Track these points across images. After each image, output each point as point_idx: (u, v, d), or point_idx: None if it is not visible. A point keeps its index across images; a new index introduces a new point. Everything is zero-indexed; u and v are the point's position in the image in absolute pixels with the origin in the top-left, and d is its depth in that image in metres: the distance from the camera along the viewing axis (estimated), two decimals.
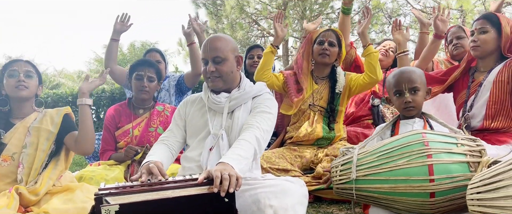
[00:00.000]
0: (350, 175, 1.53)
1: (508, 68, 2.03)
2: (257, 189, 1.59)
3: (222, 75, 1.76)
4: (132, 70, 2.58)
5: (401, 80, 1.73)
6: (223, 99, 1.80)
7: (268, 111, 1.77)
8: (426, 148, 1.41)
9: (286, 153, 2.38)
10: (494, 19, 2.11)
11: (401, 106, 1.73)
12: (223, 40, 1.78)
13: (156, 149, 1.81)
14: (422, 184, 1.39)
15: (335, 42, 2.49)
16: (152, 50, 3.50)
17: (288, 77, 2.54)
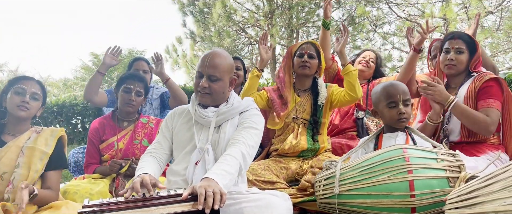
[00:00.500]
0: (333, 189, 1.55)
1: (477, 82, 2.11)
2: (241, 204, 1.61)
3: (212, 93, 1.77)
4: (121, 82, 2.58)
5: (396, 92, 1.76)
6: (210, 113, 1.81)
7: (255, 126, 1.79)
8: (407, 164, 1.44)
9: (271, 164, 2.40)
10: (470, 41, 2.21)
11: (395, 117, 1.76)
12: (223, 59, 1.79)
13: (145, 161, 1.81)
14: (403, 200, 1.42)
15: (315, 54, 2.54)
16: (140, 59, 3.50)
17: (272, 93, 2.57)
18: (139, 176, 1.62)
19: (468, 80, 2.19)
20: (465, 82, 2.20)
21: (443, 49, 2.26)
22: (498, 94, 2.08)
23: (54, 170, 1.98)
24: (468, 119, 2.03)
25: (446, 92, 2.04)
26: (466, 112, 2.02)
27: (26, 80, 1.99)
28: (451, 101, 2.00)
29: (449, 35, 2.30)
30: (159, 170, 1.83)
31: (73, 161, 3.21)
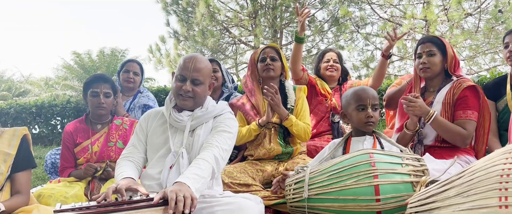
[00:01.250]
0: (302, 193, 1.59)
1: (455, 90, 2.16)
2: (214, 207, 1.64)
3: (195, 97, 1.80)
4: (87, 87, 2.56)
5: (366, 96, 1.81)
6: (185, 117, 1.82)
7: (229, 130, 1.82)
8: (373, 169, 1.49)
9: (248, 167, 2.42)
10: (438, 42, 2.27)
11: (363, 121, 1.80)
12: (205, 64, 1.83)
13: (122, 166, 1.81)
14: (369, 204, 1.46)
15: (276, 56, 2.58)
16: (132, 61, 3.52)
17: (243, 107, 2.60)
18: (116, 183, 1.63)
19: (447, 85, 2.24)
20: (444, 87, 2.24)
21: (416, 55, 2.32)
22: (475, 105, 2.14)
23: (22, 171, 1.91)
24: (446, 132, 2.10)
25: (425, 106, 2.09)
26: (445, 126, 2.09)
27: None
28: (431, 116, 2.06)
29: (420, 40, 2.37)
30: (137, 173, 1.83)
31: (50, 162, 3.20)
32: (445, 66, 2.25)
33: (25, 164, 1.94)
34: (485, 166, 1.05)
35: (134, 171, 1.80)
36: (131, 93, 3.46)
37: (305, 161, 2.39)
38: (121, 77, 3.44)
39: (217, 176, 1.82)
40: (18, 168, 1.90)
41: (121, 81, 3.45)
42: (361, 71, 15.21)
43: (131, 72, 3.42)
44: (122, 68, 3.48)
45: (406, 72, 15.17)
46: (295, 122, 2.39)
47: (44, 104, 6.61)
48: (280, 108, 2.38)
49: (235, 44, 15.59)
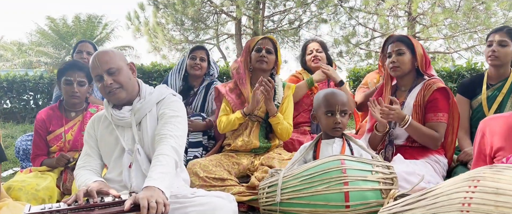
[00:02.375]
0: (275, 197, 1.61)
1: (425, 91, 2.19)
2: (187, 208, 1.64)
3: (122, 85, 1.73)
4: (60, 74, 2.48)
5: (335, 102, 1.81)
6: (127, 113, 1.77)
7: (176, 114, 1.77)
8: (343, 176, 1.51)
9: (223, 160, 2.43)
10: (407, 41, 2.28)
11: (330, 126, 1.82)
12: (110, 53, 1.76)
13: (84, 174, 1.76)
14: (339, 209, 1.50)
15: (272, 49, 2.55)
16: (85, 41, 3.48)
17: (228, 95, 2.56)
18: (86, 185, 1.60)
19: (418, 86, 2.27)
20: (415, 87, 2.28)
21: (387, 54, 2.33)
22: (445, 107, 2.19)
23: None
24: (419, 135, 2.15)
25: (402, 112, 2.11)
26: (419, 130, 2.13)
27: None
28: (406, 121, 2.09)
29: (388, 40, 2.37)
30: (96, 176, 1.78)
31: (22, 149, 3.12)
32: (416, 65, 2.27)
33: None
34: (449, 191, 1.08)
35: (97, 177, 1.76)
36: None
37: (281, 155, 2.41)
38: (75, 58, 3.35)
39: (180, 164, 1.79)
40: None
41: None
42: (342, 47, 15.26)
43: (84, 52, 3.34)
44: (75, 49, 3.43)
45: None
46: (281, 121, 2.40)
47: (16, 79, 6.37)
48: (271, 104, 2.38)
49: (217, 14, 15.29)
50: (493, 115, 1.55)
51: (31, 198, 2.13)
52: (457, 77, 6.32)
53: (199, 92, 3.15)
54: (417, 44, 2.30)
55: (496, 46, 2.36)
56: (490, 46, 2.42)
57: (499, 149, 1.40)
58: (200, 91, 3.15)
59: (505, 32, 2.36)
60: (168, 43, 16.50)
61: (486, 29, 12.81)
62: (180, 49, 16.72)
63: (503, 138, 1.40)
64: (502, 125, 1.42)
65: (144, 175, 1.66)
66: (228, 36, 16.22)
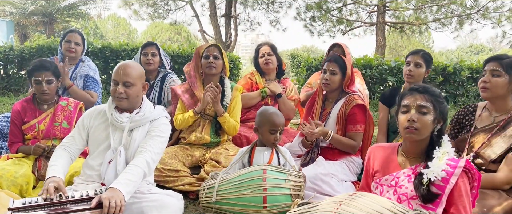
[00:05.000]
0: (212, 197, 2.06)
1: (347, 105, 2.64)
2: (142, 203, 2.05)
3: (129, 98, 2.11)
4: (30, 74, 2.77)
5: (279, 123, 2.22)
6: (125, 119, 2.15)
7: (161, 135, 2.17)
8: (263, 183, 1.97)
9: (179, 152, 2.85)
10: (341, 63, 2.68)
11: (271, 141, 2.23)
12: (134, 68, 2.12)
13: (58, 156, 2.14)
14: (259, 209, 1.96)
15: (219, 55, 2.91)
16: (73, 31, 3.66)
17: (183, 96, 2.92)
18: (53, 180, 1.95)
19: (342, 99, 2.71)
20: (339, 101, 2.72)
21: (322, 69, 2.74)
22: (362, 120, 2.66)
23: None
24: (341, 145, 2.66)
25: (324, 130, 2.57)
26: (340, 141, 2.64)
27: None
28: (329, 136, 2.58)
29: (328, 58, 2.78)
30: (70, 162, 2.19)
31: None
32: (342, 83, 2.70)
33: None
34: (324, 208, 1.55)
35: (67, 161, 2.15)
36: (73, 62, 3.64)
37: (228, 151, 2.85)
38: (63, 47, 3.59)
39: (148, 175, 2.21)
40: None
41: (63, 50, 3.60)
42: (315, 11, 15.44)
43: (72, 42, 3.58)
44: (64, 38, 3.63)
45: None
46: (228, 120, 2.81)
47: None
48: (218, 106, 2.77)
49: None
50: (378, 144, 2.00)
51: (11, 184, 2.47)
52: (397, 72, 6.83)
53: (156, 84, 3.52)
54: (349, 66, 2.72)
55: (413, 67, 2.81)
56: (408, 65, 2.86)
57: (376, 171, 1.87)
58: (157, 83, 3.52)
59: (421, 56, 2.81)
60: None
61: (452, 3, 13.30)
62: (151, 5, 16.49)
63: (379, 164, 1.86)
64: (382, 153, 1.89)
65: (117, 174, 2.06)
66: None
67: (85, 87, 3.61)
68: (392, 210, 1.44)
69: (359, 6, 15.65)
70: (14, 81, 6.58)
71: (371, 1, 15.29)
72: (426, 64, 2.83)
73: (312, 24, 16.20)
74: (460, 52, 42.42)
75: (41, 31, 24.34)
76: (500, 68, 2.13)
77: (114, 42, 6.82)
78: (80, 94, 3.42)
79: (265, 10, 16.66)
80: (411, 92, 1.73)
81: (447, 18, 14.08)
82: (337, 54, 2.80)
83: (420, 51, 2.87)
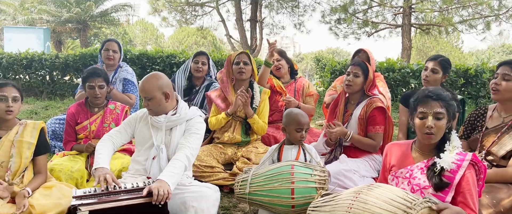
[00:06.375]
0: (245, 189, 2.32)
1: (367, 108, 2.85)
2: (184, 194, 2.33)
3: (152, 109, 2.42)
4: (84, 80, 3.14)
5: (304, 122, 2.45)
6: (162, 119, 2.45)
7: (197, 132, 2.46)
8: (291, 177, 2.22)
9: (213, 150, 3.14)
10: (364, 67, 2.90)
11: (297, 139, 2.48)
12: (149, 84, 2.35)
13: (104, 146, 2.47)
14: (287, 200, 2.20)
15: (248, 61, 3.19)
16: (111, 40, 4.05)
17: (216, 100, 3.22)
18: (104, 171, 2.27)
19: (363, 102, 2.91)
20: (360, 103, 2.92)
21: (346, 72, 2.96)
22: (382, 121, 2.85)
23: (41, 155, 2.53)
24: (360, 144, 2.87)
25: (342, 130, 2.79)
26: (360, 141, 2.85)
27: (5, 87, 2.39)
28: (348, 136, 2.80)
29: (352, 62, 3.00)
30: (112, 153, 2.52)
31: (51, 130, 3.82)
32: (364, 86, 2.92)
33: (43, 150, 2.55)
34: (344, 198, 1.79)
35: (111, 151, 2.49)
36: (112, 68, 4.02)
37: (257, 149, 3.12)
38: (103, 55, 3.98)
39: (188, 168, 2.51)
40: (38, 153, 2.51)
41: (102, 58, 3.99)
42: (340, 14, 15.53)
43: (110, 50, 3.97)
44: (103, 47, 4.02)
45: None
46: (257, 121, 3.08)
47: (34, 58, 7.04)
48: (248, 108, 3.05)
49: None
50: (395, 142, 2.22)
51: (68, 178, 2.81)
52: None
53: (200, 90, 3.86)
54: (371, 71, 2.93)
55: (429, 72, 2.99)
56: (426, 70, 3.03)
57: (392, 165, 2.09)
58: (201, 90, 3.86)
59: (438, 62, 2.98)
60: (168, 5, 16.75)
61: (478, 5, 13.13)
62: (179, 10, 17.01)
63: (396, 159, 2.08)
64: (398, 150, 2.10)
65: (161, 168, 2.37)
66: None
67: (124, 90, 3.97)
68: (404, 197, 1.66)
69: (384, 8, 15.65)
70: (59, 87, 7.12)
71: (397, 3, 15.27)
72: (443, 70, 2.98)
73: (337, 27, 16.30)
74: (491, 52, 41.20)
75: (73, 37, 25.44)
76: (511, 72, 2.30)
77: (150, 49, 7.23)
78: (120, 97, 3.76)
79: (289, 14, 16.90)
80: (426, 100, 1.91)
81: (474, 19, 13.91)
82: (360, 60, 3.02)
83: (438, 57, 3.03)
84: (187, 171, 2.54)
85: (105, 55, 3.96)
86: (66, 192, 2.46)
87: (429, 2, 13.85)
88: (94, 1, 20.86)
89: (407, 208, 1.62)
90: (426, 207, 1.62)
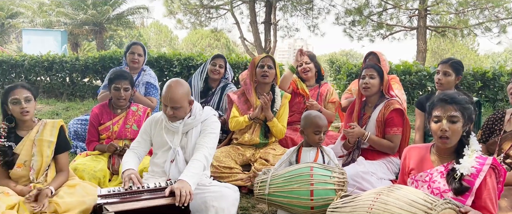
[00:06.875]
0: (265, 190, 2.37)
1: (385, 110, 2.87)
2: (205, 193, 2.38)
3: (177, 116, 2.45)
4: (110, 82, 3.21)
5: (322, 124, 2.50)
6: (178, 124, 2.49)
7: (213, 131, 2.51)
8: (311, 179, 2.25)
9: (231, 151, 3.20)
10: (378, 69, 2.93)
11: (315, 141, 2.52)
12: (178, 92, 2.35)
13: (129, 157, 2.54)
14: (307, 201, 2.24)
15: (272, 65, 3.23)
16: (136, 44, 4.14)
17: (237, 101, 3.27)
18: (132, 172, 2.35)
19: (381, 104, 2.94)
20: (378, 106, 2.94)
21: (361, 76, 2.99)
22: (400, 123, 2.88)
23: (62, 153, 2.60)
24: (378, 146, 2.90)
25: (361, 131, 2.83)
26: (377, 142, 2.88)
27: (15, 89, 2.43)
28: (366, 137, 2.83)
29: (365, 65, 3.03)
30: (138, 162, 2.58)
31: (73, 131, 3.92)
32: (381, 88, 2.94)
33: (63, 147, 2.62)
34: (364, 199, 1.82)
35: (136, 161, 2.55)
36: (136, 71, 4.11)
37: (275, 150, 3.16)
38: (128, 58, 4.07)
39: (207, 168, 2.56)
40: (59, 151, 2.58)
41: (127, 61, 4.07)
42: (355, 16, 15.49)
43: (135, 54, 4.05)
44: (128, 50, 4.11)
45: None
46: (276, 124, 3.13)
47: (55, 60, 7.24)
48: (269, 112, 3.10)
49: None
50: (413, 145, 2.23)
51: (91, 177, 2.88)
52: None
53: (216, 92, 3.93)
54: (385, 72, 2.95)
55: (441, 75, 3.00)
56: (438, 73, 3.04)
57: (411, 169, 2.11)
58: (217, 91, 3.93)
59: (449, 65, 2.98)
60: (183, 7, 16.92)
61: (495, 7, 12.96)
62: (194, 13, 17.16)
63: (414, 162, 2.10)
64: (416, 153, 2.12)
65: (178, 169, 2.43)
66: (242, 1, 16.53)
67: (146, 93, 4.06)
68: (425, 199, 1.69)
69: (399, 11, 15.55)
70: (79, 88, 7.29)
71: (412, 5, 15.16)
72: (455, 72, 2.98)
73: (352, 29, 16.26)
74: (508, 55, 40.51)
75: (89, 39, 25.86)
76: None
77: (168, 52, 7.34)
78: (142, 100, 3.84)
79: (304, 16, 16.91)
80: (441, 104, 1.93)
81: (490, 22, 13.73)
82: (373, 63, 3.05)
83: (450, 60, 3.02)
84: (205, 171, 2.59)
85: (130, 58, 4.05)
86: (90, 190, 2.52)
87: (445, 4, 13.71)
88: (111, 4, 21.19)
89: (427, 209, 1.64)
90: (446, 208, 1.64)
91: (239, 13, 17.16)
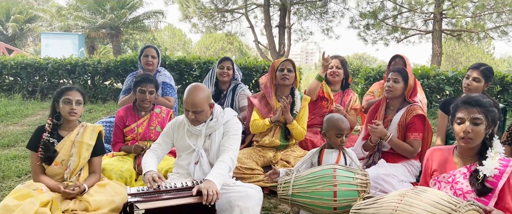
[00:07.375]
0: (288, 190, 2.43)
1: (407, 115, 2.90)
2: (230, 193, 2.44)
3: (199, 121, 2.52)
4: (136, 85, 3.32)
5: (344, 127, 2.54)
6: (201, 127, 2.56)
7: (236, 133, 2.58)
8: (334, 180, 2.31)
9: (252, 153, 3.27)
10: (404, 73, 2.96)
11: (337, 143, 2.57)
12: (199, 97, 2.42)
13: (149, 157, 2.61)
14: (330, 202, 2.30)
15: (292, 68, 3.31)
16: (149, 47, 4.25)
17: (258, 105, 3.35)
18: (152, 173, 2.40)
19: (403, 109, 2.97)
20: (400, 110, 2.98)
21: (386, 78, 3.03)
22: (421, 128, 2.91)
23: (97, 156, 2.73)
24: (398, 148, 2.92)
25: (384, 130, 2.86)
26: (398, 144, 2.90)
27: (70, 91, 2.60)
28: (388, 137, 2.87)
29: (391, 68, 3.06)
30: (158, 161, 2.66)
31: None
32: (404, 93, 2.97)
33: (99, 151, 2.76)
34: (388, 200, 1.87)
35: (156, 162, 2.62)
36: (151, 73, 4.20)
37: (295, 153, 3.22)
38: (142, 61, 4.19)
39: (232, 167, 2.63)
40: (95, 154, 2.72)
41: (142, 64, 4.19)
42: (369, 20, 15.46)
43: (149, 56, 4.16)
44: (142, 53, 4.23)
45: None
46: (296, 127, 3.19)
47: (78, 63, 7.46)
48: (288, 114, 3.17)
49: None
50: (436, 146, 2.28)
51: (118, 177, 2.98)
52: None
53: (228, 94, 4.03)
54: (411, 77, 2.99)
55: (471, 81, 3.01)
56: (468, 78, 3.05)
57: (434, 170, 2.15)
58: (229, 93, 4.03)
59: (480, 71, 2.99)
60: (198, 11, 17.10)
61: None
62: (209, 17, 17.34)
63: (437, 164, 2.14)
64: (439, 155, 2.17)
65: (203, 171, 2.50)
66: (256, 5, 16.64)
67: (163, 93, 4.17)
68: (449, 201, 1.73)
69: (414, 14, 15.48)
70: (100, 91, 7.48)
71: (427, 9, 15.08)
72: (485, 79, 2.98)
73: (366, 32, 16.23)
74: None
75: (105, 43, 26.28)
76: None
77: (188, 56, 7.47)
78: (160, 100, 3.93)
79: (318, 20, 16.94)
80: (464, 106, 1.97)
81: (507, 26, 13.57)
82: (400, 66, 3.08)
83: (481, 66, 3.01)
84: (229, 172, 2.66)
85: (145, 61, 4.16)
86: (119, 189, 2.63)
87: (461, 8, 13.60)
88: (128, 8, 21.52)
89: (451, 210, 1.68)
90: (471, 210, 1.68)
91: (254, 17, 17.28)
